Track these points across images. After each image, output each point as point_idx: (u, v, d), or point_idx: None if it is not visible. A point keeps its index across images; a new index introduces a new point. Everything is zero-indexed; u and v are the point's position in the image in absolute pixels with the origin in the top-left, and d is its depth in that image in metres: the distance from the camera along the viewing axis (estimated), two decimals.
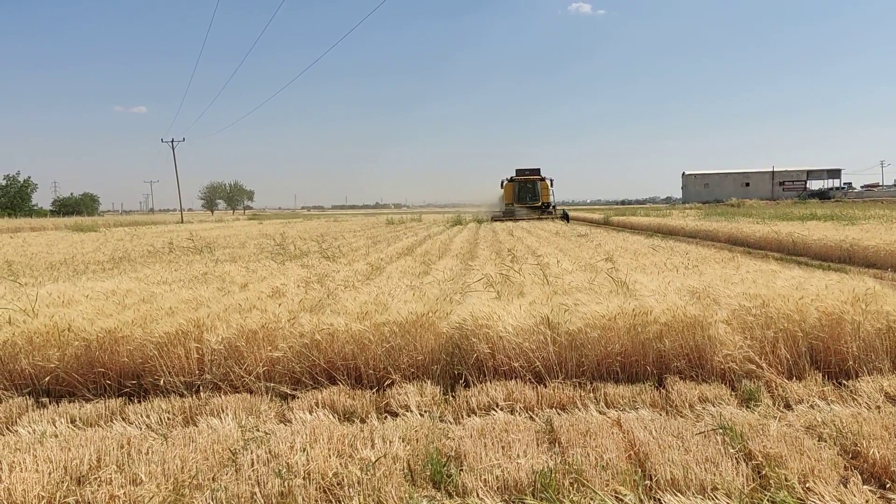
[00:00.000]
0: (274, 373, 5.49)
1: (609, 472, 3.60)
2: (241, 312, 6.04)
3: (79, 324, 5.80)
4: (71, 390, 5.51)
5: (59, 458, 3.91)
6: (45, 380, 5.49)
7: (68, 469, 3.82)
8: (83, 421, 4.94)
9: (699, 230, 25.36)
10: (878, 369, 5.39)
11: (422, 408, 4.96)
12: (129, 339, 5.60)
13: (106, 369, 5.56)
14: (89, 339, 5.61)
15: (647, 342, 5.47)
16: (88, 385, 5.54)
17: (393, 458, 3.84)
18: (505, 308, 5.90)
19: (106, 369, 5.56)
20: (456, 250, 14.87)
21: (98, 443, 4.25)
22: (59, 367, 5.50)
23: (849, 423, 4.20)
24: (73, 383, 5.53)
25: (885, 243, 13.70)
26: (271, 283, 8.38)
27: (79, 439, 4.36)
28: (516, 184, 40.95)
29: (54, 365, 5.50)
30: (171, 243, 16.97)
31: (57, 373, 5.50)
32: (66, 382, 5.53)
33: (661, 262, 9.78)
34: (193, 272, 9.97)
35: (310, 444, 4.05)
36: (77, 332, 5.69)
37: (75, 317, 5.99)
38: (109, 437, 4.38)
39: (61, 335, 5.64)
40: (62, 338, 5.62)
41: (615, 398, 5.03)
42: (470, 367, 5.49)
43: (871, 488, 3.45)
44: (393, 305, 6.08)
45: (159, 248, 16.56)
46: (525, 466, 3.63)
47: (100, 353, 5.58)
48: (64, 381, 5.53)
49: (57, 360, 5.52)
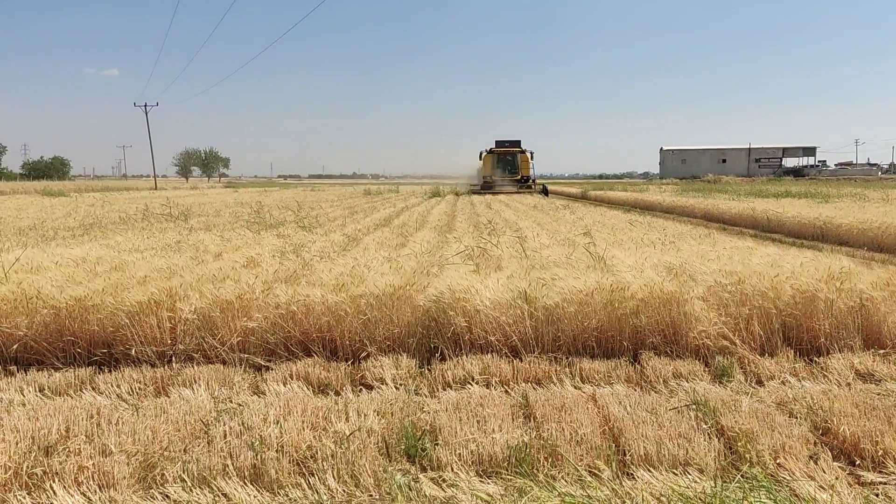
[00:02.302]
0: (248, 344, 5.42)
1: (583, 447, 3.62)
2: (216, 282, 5.95)
3: (48, 291, 5.67)
4: (40, 358, 5.41)
5: (27, 428, 3.83)
6: (12, 347, 5.37)
7: (36, 439, 3.74)
8: (52, 390, 4.85)
9: (676, 206, 25.53)
10: (849, 346, 5.46)
11: (397, 381, 4.94)
12: (100, 308, 5.49)
13: (76, 338, 5.46)
14: (59, 306, 5.49)
15: (624, 318, 5.48)
16: (58, 354, 5.43)
17: (367, 431, 3.81)
18: (482, 282, 5.88)
19: (76, 338, 5.46)
20: (433, 222, 14.80)
21: (67, 412, 4.17)
22: (28, 335, 5.39)
23: (819, 400, 4.25)
24: (42, 351, 5.42)
25: (857, 221, 13.89)
26: (246, 253, 8.28)
27: (47, 409, 4.28)
28: (495, 156, 39.73)
29: (22, 333, 5.38)
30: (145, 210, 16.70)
31: (25, 341, 5.38)
32: (35, 350, 5.42)
33: (639, 237, 9.81)
34: (167, 240, 9.82)
35: (283, 417, 4.01)
36: (46, 299, 5.56)
37: (44, 284, 5.86)
38: (79, 407, 4.30)
39: (29, 302, 5.51)
40: (30, 305, 5.50)
41: (591, 373, 5.04)
42: (446, 341, 5.47)
43: (840, 465, 3.50)
44: (370, 277, 6.03)
45: (132, 214, 16.28)
46: (500, 441, 3.63)
47: (69, 321, 5.47)
48: (32, 349, 5.42)
49: (25, 328, 5.40)
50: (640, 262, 6.83)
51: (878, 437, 3.60)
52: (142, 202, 23.82)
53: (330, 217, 16.70)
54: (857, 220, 13.97)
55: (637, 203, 30.83)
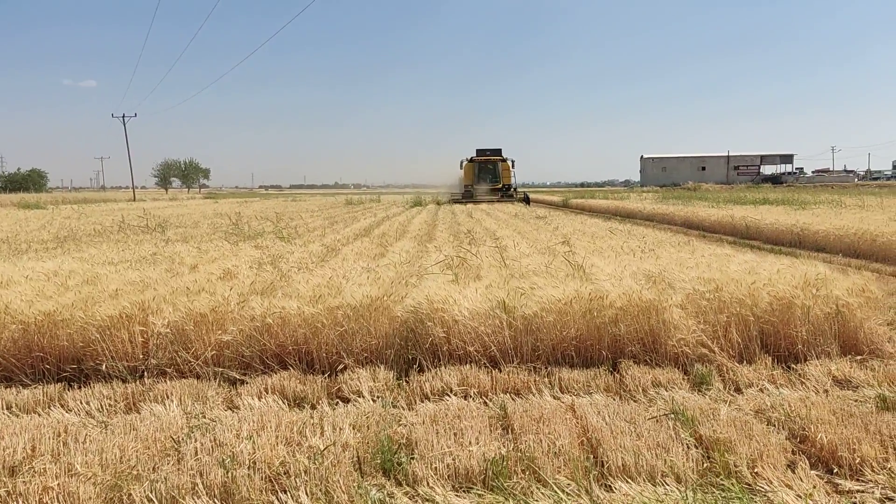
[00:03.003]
0: (223, 357, 5.33)
1: (561, 459, 3.57)
2: (190, 295, 5.84)
3: (16, 306, 5.54)
4: (7, 375, 5.27)
5: None
6: None
7: (1, 459, 3.63)
8: (19, 407, 4.73)
9: (656, 213, 25.69)
10: (826, 353, 5.47)
11: (374, 393, 4.88)
12: (70, 323, 5.37)
13: (45, 354, 5.33)
14: (27, 322, 5.36)
15: (603, 326, 5.45)
16: (26, 370, 5.30)
17: (342, 445, 3.75)
18: (461, 292, 5.83)
19: (45, 354, 5.33)
20: (414, 232, 14.74)
21: (34, 431, 4.06)
22: None
23: (797, 408, 4.25)
24: (10, 368, 5.29)
25: (834, 228, 14.02)
26: (223, 265, 8.17)
27: (13, 427, 4.17)
28: (476, 164, 39.40)
29: None
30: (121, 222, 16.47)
31: None
32: (3, 367, 5.29)
33: (618, 245, 9.82)
34: (142, 252, 9.67)
35: (256, 432, 3.93)
36: (14, 314, 5.43)
37: (13, 298, 5.72)
38: (46, 426, 4.20)
39: None
40: None
41: (570, 383, 5.01)
42: (425, 352, 5.41)
43: (818, 473, 3.48)
44: (347, 288, 5.96)
45: (108, 226, 16.05)
46: (477, 454, 3.57)
47: (38, 336, 5.34)
48: (0, 365, 5.28)
49: None
50: (620, 271, 6.81)
51: (855, 444, 3.58)
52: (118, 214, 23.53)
53: (310, 227, 16.58)
54: (833, 227, 14.11)
55: (618, 211, 30.99)
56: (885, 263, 11.40)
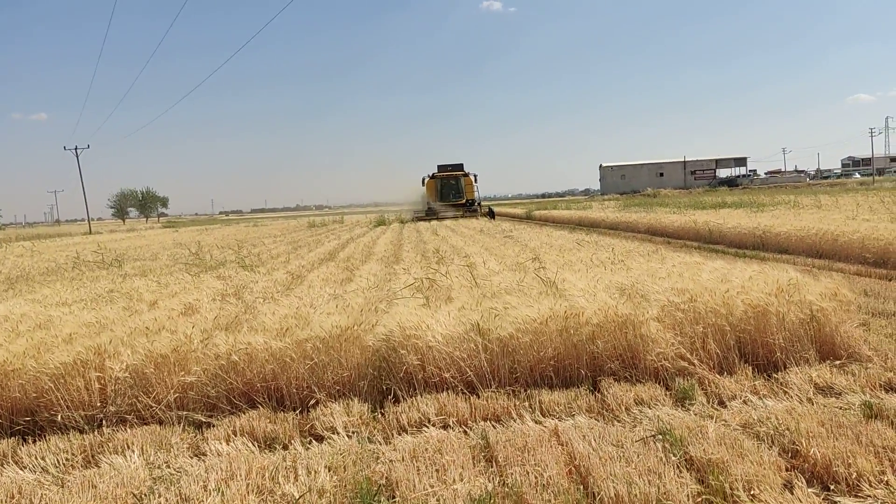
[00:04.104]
0: (187, 400, 5.06)
1: (550, 492, 3.40)
2: (149, 335, 5.56)
3: None
4: None
5: None
6: None
7: None
8: None
9: (620, 222, 25.87)
10: (804, 359, 5.42)
11: (349, 428, 4.66)
12: (22, 372, 5.05)
13: None
14: None
15: (580, 344, 5.33)
16: None
17: (318, 491, 3.53)
18: (433, 316, 5.65)
19: None
20: (380, 253, 14.52)
21: None
22: None
23: (784, 420, 4.15)
24: None
25: (795, 229, 14.20)
26: (183, 299, 7.86)
27: None
28: (438, 181, 38.75)
29: None
30: (76, 258, 15.92)
31: None
32: None
33: (588, 258, 9.75)
34: (98, 290, 9.29)
35: (225, 482, 3.69)
36: None
37: None
38: None
39: None
40: None
41: (550, 406, 4.85)
42: (399, 381, 5.21)
43: (815, 491, 3.37)
44: (315, 319, 5.73)
45: (62, 263, 15.49)
46: (462, 493, 3.39)
47: None
48: None
49: None
50: (592, 285, 6.71)
51: (850, 458, 3.49)
52: (74, 249, 22.82)
53: (273, 254, 16.23)
54: (794, 228, 14.29)
55: (582, 221, 31.15)
56: (847, 262, 11.54)
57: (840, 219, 15.61)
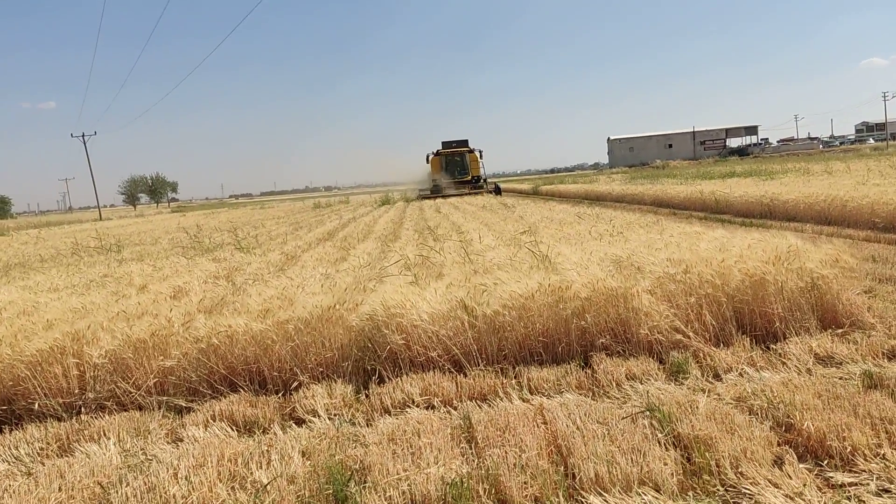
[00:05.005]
0: (167, 384, 4.94)
1: (528, 474, 3.25)
2: (131, 319, 5.44)
3: None
4: None
5: None
6: None
7: None
8: None
9: (626, 194, 25.53)
10: (805, 329, 5.23)
11: (331, 411, 4.52)
12: None
13: None
14: None
15: (570, 319, 5.15)
16: None
17: (289, 478, 3.40)
18: (420, 294, 5.49)
19: None
20: (379, 232, 14.35)
21: None
22: None
23: (780, 392, 3.98)
24: None
25: (803, 196, 13.90)
26: (174, 283, 7.74)
27: None
28: (443, 157, 38.06)
29: None
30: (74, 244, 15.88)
31: None
32: None
33: (586, 231, 9.54)
34: (92, 275, 9.19)
35: (195, 469, 3.56)
36: None
37: None
38: None
39: None
40: None
41: (539, 383, 4.69)
42: (383, 361, 5.07)
43: (807, 466, 3.21)
44: (300, 299, 5.59)
45: (63, 250, 15.45)
46: (435, 476, 3.25)
47: None
48: None
49: None
50: (586, 258, 6.52)
51: (844, 431, 3.31)
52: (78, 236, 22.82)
53: (272, 235, 16.10)
54: (802, 195, 13.98)
55: (588, 194, 30.82)
56: (856, 229, 11.27)
57: (850, 184, 15.28)
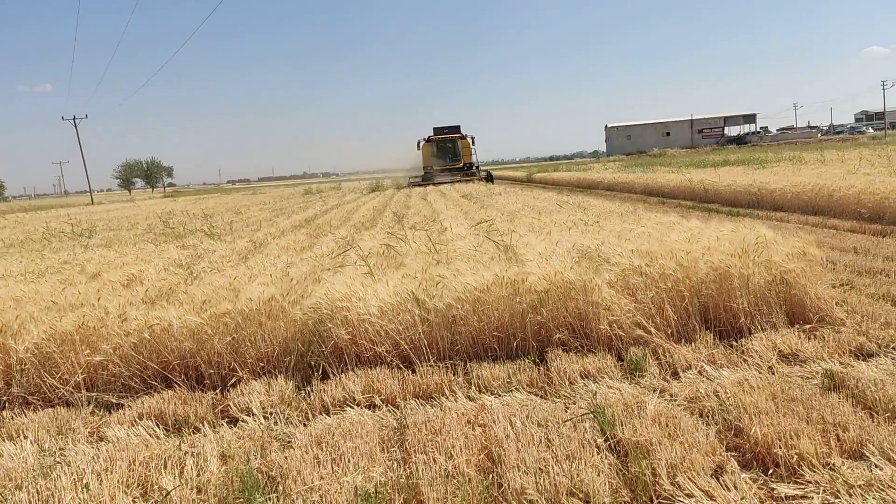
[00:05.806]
0: (97, 379, 4.69)
1: (453, 484, 3.01)
2: (63, 311, 5.18)
3: None
4: None
5: None
6: None
7: None
8: None
9: (617, 182, 25.28)
10: (772, 325, 4.99)
11: (267, 409, 4.27)
12: None
13: None
14: None
15: (525, 312, 4.90)
16: None
17: (197, 487, 3.15)
18: (371, 286, 5.23)
19: None
20: (357, 219, 14.07)
21: None
22: None
23: (734, 393, 3.73)
24: None
25: (791, 185, 13.65)
26: (129, 271, 7.47)
27: None
28: (434, 144, 36.93)
29: None
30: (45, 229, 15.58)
31: None
32: None
33: (563, 219, 9.29)
34: (52, 262, 8.92)
35: (102, 474, 3.31)
36: None
37: None
38: None
39: None
40: None
41: (489, 380, 4.44)
42: (328, 357, 4.81)
43: (751, 475, 2.97)
44: (246, 290, 5.33)
45: (34, 235, 15.16)
46: (349, 486, 3.00)
47: None
48: None
49: None
50: (551, 249, 6.26)
51: (793, 438, 3.07)
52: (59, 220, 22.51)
53: (250, 221, 15.81)
54: (790, 185, 13.73)
55: (580, 182, 30.55)
56: (842, 219, 11.05)
57: (839, 174, 15.03)
